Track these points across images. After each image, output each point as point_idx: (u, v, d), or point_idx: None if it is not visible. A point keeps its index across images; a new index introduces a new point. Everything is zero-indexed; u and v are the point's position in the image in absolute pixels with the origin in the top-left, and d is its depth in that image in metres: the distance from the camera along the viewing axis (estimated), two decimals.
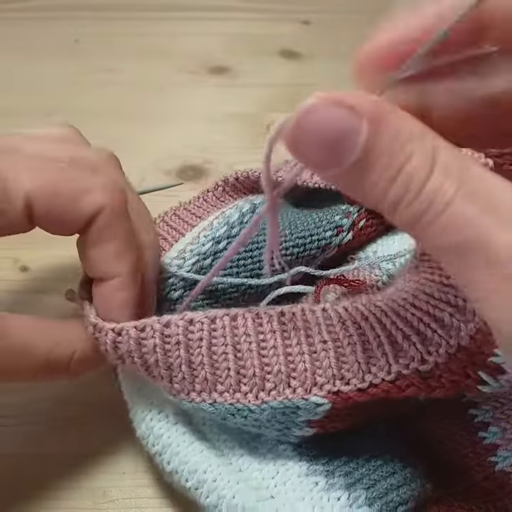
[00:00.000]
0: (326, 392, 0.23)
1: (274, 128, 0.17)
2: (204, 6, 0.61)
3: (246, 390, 0.23)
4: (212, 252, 0.30)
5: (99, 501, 0.28)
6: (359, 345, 0.23)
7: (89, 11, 0.60)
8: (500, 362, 0.22)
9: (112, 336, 0.24)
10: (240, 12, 0.61)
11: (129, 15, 0.60)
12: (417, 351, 0.22)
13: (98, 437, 0.31)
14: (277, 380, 0.23)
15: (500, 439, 0.25)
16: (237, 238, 0.24)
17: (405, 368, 0.22)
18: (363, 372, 0.23)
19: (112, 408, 0.32)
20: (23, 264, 0.37)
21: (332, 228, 0.32)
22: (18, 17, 0.59)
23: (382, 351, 0.23)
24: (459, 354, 0.22)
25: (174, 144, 0.45)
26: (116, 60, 0.54)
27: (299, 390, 0.23)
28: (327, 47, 0.56)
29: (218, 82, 0.53)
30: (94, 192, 0.23)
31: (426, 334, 0.23)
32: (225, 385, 0.24)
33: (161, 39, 0.57)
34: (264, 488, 0.24)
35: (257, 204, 0.33)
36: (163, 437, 0.26)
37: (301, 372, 0.23)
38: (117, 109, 0.49)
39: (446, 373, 0.22)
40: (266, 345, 0.24)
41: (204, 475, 0.24)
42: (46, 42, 0.56)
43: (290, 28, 0.59)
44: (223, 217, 0.31)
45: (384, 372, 0.23)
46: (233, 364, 0.23)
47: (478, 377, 0.22)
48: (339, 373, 0.23)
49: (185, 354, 0.24)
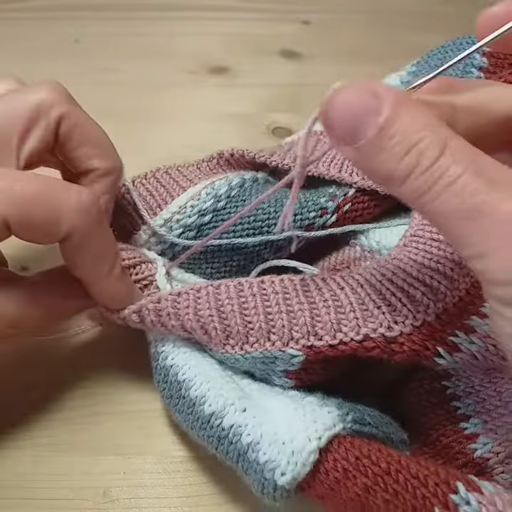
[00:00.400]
0: (301, 346, 0.26)
1: (313, 117, 0.21)
2: (204, 6, 0.61)
3: (233, 343, 0.27)
4: (197, 225, 0.32)
5: (99, 501, 0.28)
6: (333, 309, 0.26)
7: (89, 11, 0.60)
8: (458, 342, 0.25)
9: (153, 310, 0.28)
10: (240, 12, 0.61)
11: (128, 15, 0.60)
12: (385, 319, 0.26)
13: (98, 437, 0.31)
14: (259, 335, 0.27)
15: (482, 429, 0.26)
16: (243, 208, 0.29)
17: (373, 332, 0.25)
18: (335, 331, 0.26)
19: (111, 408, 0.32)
20: (23, 264, 0.37)
21: (316, 210, 0.33)
22: (18, 17, 0.59)
23: (353, 315, 0.26)
24: (422, 328, 0.25)
25: (174, 143, 0.45)
26: (116, 60, 0.54)
27: (278, 343, 0.26)
28: (327, 47, 0.56)
29: (218, 82, 0.53)
30: (65, 214, 0.24)
31: (396, 306, 0.26)
32: (215, 341, 0.27)
33: (161, 39, 0.57)
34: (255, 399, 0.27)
35: (246, 179, 0.34)
36: (184, 353, 0.28)
37: (280, 328, 0.26)
38: (117, 109, 0.49)
39: (408, 342, 0.25)
40: (247, 306, 0.27)
41: (208, 384, 0.27)
42: (46, 42, 0.56)
43: (290, 28, 0.59)
44: (212, 187, 0.32)
45: (353, 333, 0.26)
46: (219, 324, 0.27)
47: (436, 351, 0.25)
48: (313, 330, 0.26)
49: (176, 322, 0.27)
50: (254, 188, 0.33)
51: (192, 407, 0.26)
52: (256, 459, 0.24)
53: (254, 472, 0.24)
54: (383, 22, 0.59)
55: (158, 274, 0.30)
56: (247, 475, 0.25)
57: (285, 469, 0.23)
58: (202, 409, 0.26)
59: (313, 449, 0.23)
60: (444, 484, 0.22)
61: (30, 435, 0.31)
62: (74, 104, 0.28)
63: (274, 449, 0.24)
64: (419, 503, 0.22)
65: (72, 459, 0.30)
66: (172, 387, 0.28)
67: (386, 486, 0.23)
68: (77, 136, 0.28)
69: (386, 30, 0.58)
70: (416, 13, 0.60)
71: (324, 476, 0.23)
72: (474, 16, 0.21)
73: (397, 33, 0.57)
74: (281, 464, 0.23)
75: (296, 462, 0.23)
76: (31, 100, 0.27)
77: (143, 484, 0.29)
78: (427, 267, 0.27)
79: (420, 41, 0.43)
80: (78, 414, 0.31)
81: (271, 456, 0.24)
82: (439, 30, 0.44)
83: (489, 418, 0.26)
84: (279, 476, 0.24)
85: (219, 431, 0.25)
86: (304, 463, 0.23)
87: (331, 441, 0.24)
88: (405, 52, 0.44)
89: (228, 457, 0.25)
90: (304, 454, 0.23)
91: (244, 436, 0.25)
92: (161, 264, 0.31)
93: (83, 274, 0.26)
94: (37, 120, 0.26)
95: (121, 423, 0.31)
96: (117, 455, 0.30)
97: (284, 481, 0.23)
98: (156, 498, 0.29)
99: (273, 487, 0.24)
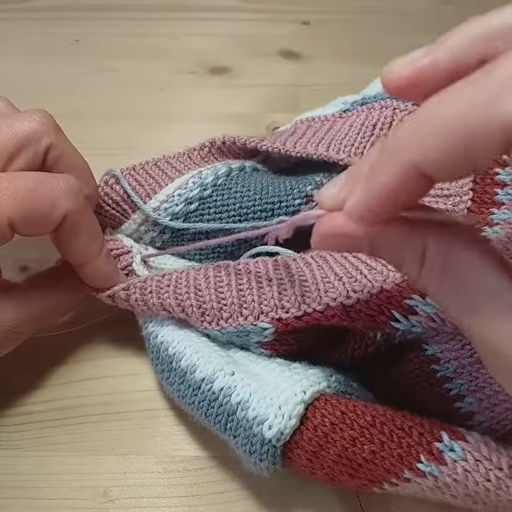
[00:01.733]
0: (271, 319, 0.28)
1: (301, 215, 0.23)
2: (204, 6, 0.61)
3: (209, 319, 0.29)
4: (184, 213, 0.33)
5: (99, 501, 0.28)
6: (297, 283, 0.28)
7: (89, 11, 0.60)
8: (413, 304, 0.26)
9: (139, 288, 0.30)
10: (240, 12, 0.61)
11: (129, 15, 0.60)
12: (344, 289, 0.27)
13: (98, 437, 0.31)
14: (231, 310, 0.28)
15: (477, 407, 0.26)
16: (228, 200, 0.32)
17: (333, 301, 0.27)
18: (299, 303, 0.28)
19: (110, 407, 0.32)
20: (23, 264, 0.37)
21: (302, 197, 0.33)
22: (18, 17, 0.59)
23: (315, 287, 0.28)
24: (380, 295, 0.27)
25: (174, 143, 0.45)
26: (116, 60, 0.54)
27: (250, 318, 0.28)
28: (327, 47, 0.56)
29: (218, 82, 0.53)
30: (59, 201, 0.26)
31: (356, 278, 0.28)
32: (193, 319, 0.29)
33: (161, 39, 0.57)
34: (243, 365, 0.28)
35: (233, 168, 0.34)
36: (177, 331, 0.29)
37: (250, 302, 0.28)
38: (117, 109, 0.49)
39: (364, 308, 0.27)
40: (222, 285, 0.29)
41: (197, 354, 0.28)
42: (46, 42, 0.56)
43: (290, 28, 0.59)
44: (199, 176, 0.33)
45: (316, 303, 0.27)
46: (195, 301, 0.28)
47: (391, 315, 0.26)
48: (280, 303, 0.28)
49: (157, 300, 0.29)
50: (240, 177, 0.34)
51: (183, 376, 0.28)
52: (245, 417, 0.25)
53: (244, 430, 0.25)
54: (383, 22, 0.59)
55: (134, 263, 0.31)
56: (236, 437, 0.26)
57: (272, 422, 0.25)
58: (193, 377, 0.27)
59: (298, 401, 0.25)
60: (428, 433, 0.23)
61: (30, 435, 0.31)
62: (60, 134, 0.30)
63: (263, 405, 0.25)
64: (404, 452, 0.23)
65: (72, 459, 0.30)
66: (164, 361, 0.29)
67: (372, 438, 0.24)
68: (63, 164, 0.30)
69: (386, 30, 0.58)
70: (416, 14, 0.60)
71: (312, 432, 0.25)
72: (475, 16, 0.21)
73: (398, 33, 0.57)
74: (269, 417, 0.25)
75: (283, 415, 0.25)
76: (22, 128, 0.28)
77: (143, 484, 0.29)
78: None
79: (421, 41, 0.43)
80: (78, 414, 0.31)
81: (259, 412, 0.25)
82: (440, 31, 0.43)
83: (483, 396, 0.26)
84: (266, 429, 0.25)
85: (209, 395, 0.26)
86: (289, 415, 0.25)
87: (317, 399, 0.25)
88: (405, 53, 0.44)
89: (217, 420, 0.26)
90: (289, 406, 0.25)
91: (233, 397, 0.26)
92: (136, 252, 0.32)
93: (77, 256, 0.29)
94: (25, 148, 0.28)
95: (121, 423, 0.31)
96: (117, 455, 0.30)
97: (272, 434, 0.25)
98: (156, 498, 0.29)
99: (261, 442, 0.25)
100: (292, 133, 0.36)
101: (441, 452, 0.22)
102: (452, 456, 0.22)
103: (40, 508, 0.28)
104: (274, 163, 0.37)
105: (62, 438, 0.31)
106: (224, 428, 0.26)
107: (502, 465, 0.22)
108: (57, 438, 0.31)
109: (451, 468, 0.22)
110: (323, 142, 0.35)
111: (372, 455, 0.23)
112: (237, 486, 0.29)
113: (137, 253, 0.32)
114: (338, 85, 0.48)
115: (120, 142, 0.44)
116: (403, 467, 0.23)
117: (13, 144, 0.28)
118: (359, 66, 0.52)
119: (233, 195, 0.33)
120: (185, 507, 0.29)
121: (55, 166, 0.30)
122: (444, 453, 0.22)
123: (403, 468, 0.23)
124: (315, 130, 0.36)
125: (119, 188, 0.33)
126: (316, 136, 0.35)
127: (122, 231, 0.34)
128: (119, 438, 0.31)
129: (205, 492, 0.29)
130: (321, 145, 0.35)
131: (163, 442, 0.31)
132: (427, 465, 0.23)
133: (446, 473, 0.22)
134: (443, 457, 0.22)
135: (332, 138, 0.35)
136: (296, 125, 0.38)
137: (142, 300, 0.29)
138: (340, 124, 0.36)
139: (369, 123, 0.35)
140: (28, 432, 0.31)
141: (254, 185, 0.33)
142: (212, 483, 0.29)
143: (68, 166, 0.30)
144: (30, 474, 0.29)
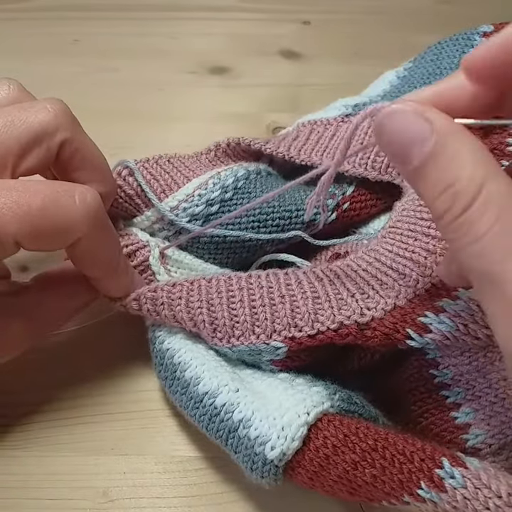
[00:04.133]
0: (283, 338, 0.27)
1: (363, 113, 0.21)
2: (204, 6, 0.61)
3: (220, 336, 0.28)
4: (204, 215, 0.32)
5: (99, 501, 0.28)
6: (310, 300, 0.28)
7: (89, 11, 0.60)
8: (428, 322, 0.26)
9: (150, 299, 0.29)
10: (240, 12, 0.61)
11: (129, 15, 0.60)
12: (358, 306, 0.27)
13: (98, 437, 0.31)
14: (244, 328, 0.28)
15: (473, 419, 0.27)
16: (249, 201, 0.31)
17: (347, 319, 0.27)
18: (312, 321, 0.27)
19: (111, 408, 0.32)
20: (23, 264, 0.37)
21: (317, 207, 0.33)
22: (18, 17, 0.59)
23: (329, 305, 0.27)
24: (394, 312, 0.26)
25: (174, 143, 0.45)
26: (116, 60, 0.54)
27: (262, 336, 0.27)
28: (327, 47, 0.56)
29: (218, 82, 0.53)
30: (73, 225, 0.24)
31: (369, 294, 0.27)
32: (204, 334, 0.28)
33: (161, 39, 0.57)
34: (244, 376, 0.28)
35: (250, 171, 0.34)
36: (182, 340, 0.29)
37: (263, 321, 0.27)
38: (117, 109, 0.49)
39: (380, 327, 0.26)
40: (234, 300, 0.28)
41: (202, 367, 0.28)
42: (46, 42, 0.56)
43: (290, 28, 0.59)
44: (218, 177, 0.33)
45: (329, 322, 0.27)
46: (207, 317, 0.28)
47: (406, 333, 0.26)
48: (293, 322, 0.27)
49: (169, 312, 0.28)
50: (258, 181, 0.34)
51: (186, 387, 0.27)
52: (247, 435, 0.25)
53: (245, 448, 0.25)
54: (383, 22, 0.59)
55: (151, 257, 0.31)
56: (237, 453, 0.26)
57: (275, 443, 0.24)
58: (196, 390, 0.27)
59: (301, 423, 0.24)
60: (429, 460, 0.23)
61: (30, 435, 0.31)
62: (77, 127, 0.28)
63: (265, 424, 0.25)
64: (405, 478, 0.23)
65: (72, 459, 0.30)
66: (167, 369, 0.29)
67: (373, 462, 0.23)
68: (78, 161, 0.27)
69: (386, 30, 0.58)
70: (417, 13, 0.60)
71: (314, 453, 0.24)
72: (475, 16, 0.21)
73: (398, 33, 0.57)
74: (272, 438, 0.24)
75: (286, 436, 0.24)
76: (35, 121, 0.26)
77: (143, 484, 0.29)
78: (402, 256, 0.28)
79: (421, 41, 0.43)
80: (78, 414, 0.31)
81: (262, 431, 0.25)
82: (439, 31, 0.44)
83: (479, 406, 0.26)
84: (269, 450, 0.24)
85: (211, 409, 0.26)
86: (292, 437, 0.24)
87: (320, 419, 0.25)
88: (405, 53, 0.44)
89: (218, 435, 0.26)
90: (292, 428, 0.24)
91: (235, 414, 0.26)
92: (154, 246, 0.31)
93: (91, 273, 0.28)
94: (38, 143, 0.26)
95: (122, 423, 0.31)
96: (117, 455, 0.30)
97: (274, 455, 0.24)
98: (155, 498, 0.29)
99: (262, 462, 0.25)
100: (296, 137, 0.36)
101: (441, 479, 0.22)
102: (452, 484, 0.22)
103: (40, 508, 0.28)
104: (278, 165, 0.37)
105: (63, 438, 0.31)
106: (225, 443, 0.26)
107: (501, 493, 0.22)
108: (58, 438, 0.31)
109: (451, 496, 0.22)
110: (327, 151, 0.35)
111: (373, 479, 0.23)
112: (237, 486, 0.29)
113: (155, 247, 0.31)
114: (338, 85, 0.48)
115: (120, 142, 0.44)
116: (403, 492, 0.23)
117: (25, 139, 0.25)
118: (359, 66, 0.52)
119: (253, 199, 0.32)
120: (185, 507, 0.29)
121: (70, 162, 0.27)
122: (445, 480, 0.22)
123: (403, 492, 0.23)
124: (319, 135, 0.36)
125: (132, 181, 0.32)
126: (320, 143, 0.35)
127: (135, 224, 0.33)
128: (119, 438, 0.31)
129: (205, 492, 0.29)
130: (326, 154, 0.35)
131: (163, 442, 0.31)
132: (427, 491, 0.22)
133: (445, 500, 0.22)
134: (443, 484, 0.22)
135: (337, 147, 0.35)
136: (298, 128, 0.38)
137: (154, 311, 0.29)
138: (343, 130, 0.36)
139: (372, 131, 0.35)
140: (30, 432, 0.31)
141: (272, 191, 0.32)
142: (212, 484, 0.29)
143: (84, 162, 0.28)
144: (32, 475, 0.29)
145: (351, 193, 0.35)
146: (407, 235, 0.29)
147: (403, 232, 0.29)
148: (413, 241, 0.28)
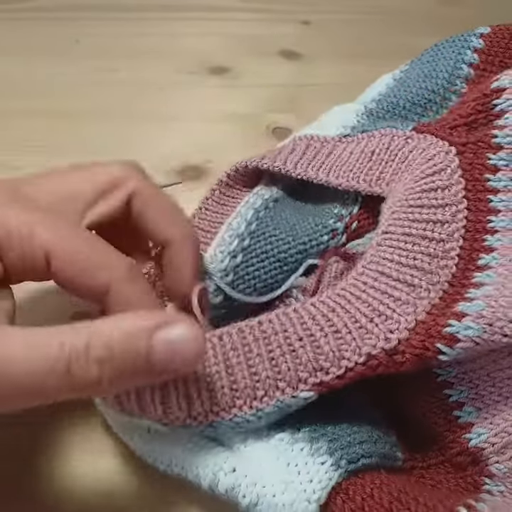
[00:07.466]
0: (311, 385, 0.25)
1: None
2: (204, 6, 0.61)
3: (241, 403, 0.24)
4: (232, 268, 0.31)
5: (98, 501, 0.28)
6: (331, 335, 0.25)
7: (90, 11, 0.60)
8: (454, 331, 0.24)
9: None
10: (240, 12, 0.61)
11: (129, 15, 0.60)
12: (380, 331, 0.25)
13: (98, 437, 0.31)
14: (266, 386, 0.24)
15: (476, 418, 0.26)
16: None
17: (373, 348, 0.25)
18: (338, 360, 0.25)
19: None
20: None
21: (328, 232, 0.33)
22: (18, 17, 0.59)
23: (351, 337, 0.25)
24: (417, 328, 0.25)
25: (174, 144, 0.45)
26: (116, 60, 0.54)
27: (288, 390, 0.24)
28: (327, 47, 0.56)
29: (218, 82, 0.53)
30: (103, 271, 0.24)
31: (386, 314, 0.25)
32: (221, 404, 0.24)
33: (161, 39, 0.57)
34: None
35: (258, 209, 0.34)
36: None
37: (286, 372, 0.25)
38: (117, 109, 0.49)
39: (408, 348, 0.24)
40: (251, 356, 0.25)
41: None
42: (46, 42, 0.56)
43: (290, 28, 0.59)
44: (231, 228, 0.32)
45: (356, 356, 0.25)
46: (226, 381, 0.24)
47: (436, 349, 0.24)
48: (318, 365, 0.25)
49: (182, 379, 0.24)
50: (268, 217, 0.34)
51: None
52: None
53: None
54: (383, 22, 0.59)
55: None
56: None
57: None
58: (199, 487, 0.25)
59: (314, 510, 0.23)
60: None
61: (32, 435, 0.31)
62: (147, 180, 0.28)
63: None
64: None
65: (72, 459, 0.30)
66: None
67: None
68: (151, 211, 0.28)
69: (386, 30, 0.58)
70: (416, 15, 0.60)
71: None
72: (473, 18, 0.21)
73: (397, 34, 0.57)
74: None
75: None
76: (106, 172, 0.27)
77: (140, 484, 0.29)
78: (405, 265, 0.27)
79: (420, 42, 0.43)
80: (79, 415, 0.31)
81: None
82: (438, 32, 0.44)
83: (483, 405, 0.26)
84: None
85: (221, 497, 0.25)
86: None
87: (329, 494, 0.24)
88: (405, 53, 0.44)
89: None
90: None
91: (240, 498, 0.24)
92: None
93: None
94: (108, 192, 0.27)
95: None
96: (117, 455, 0.30)
97: None
98: (155, 498, 0.29)
99: None
100: (292, 150, 0.36)
101: None
102: None
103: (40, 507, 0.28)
104: (280, 181, 0.36)
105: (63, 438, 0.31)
106: None
107: None
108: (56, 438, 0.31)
109: None
110: (323, 167, 0.35)
111: None
112: None
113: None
114: (338, 85, 0.48)
115: (120, 142, 0.44)
116: None
117: (95, 189, 0.26)
118: (359, 66, 0.52)
119: (268, 240, 0.32)
120: (184, 506, 0.29)
121: (143, 213, 0.28)
122: None
123: None
124: (315, 151, 0.36)
125: None
126: (317, 159, 0.35)
127: None
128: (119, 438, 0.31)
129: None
130: (322, 170, 0.34)
131: None
132: None
133: None
134: None
135: (333, 164, 0.35)
136: (294, 141, 0.37)
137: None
138: (340, 149, 0.36)
139: (368, 150, 0.35)
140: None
141: (283, 226, 0.33)
142: None
143: (155, 211, 0.28)
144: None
145: (358, 211, 0.34)
146: (404, 240, 0.28)
147: (399, 238, 0.28)
148: (412, 246, 0.27)
